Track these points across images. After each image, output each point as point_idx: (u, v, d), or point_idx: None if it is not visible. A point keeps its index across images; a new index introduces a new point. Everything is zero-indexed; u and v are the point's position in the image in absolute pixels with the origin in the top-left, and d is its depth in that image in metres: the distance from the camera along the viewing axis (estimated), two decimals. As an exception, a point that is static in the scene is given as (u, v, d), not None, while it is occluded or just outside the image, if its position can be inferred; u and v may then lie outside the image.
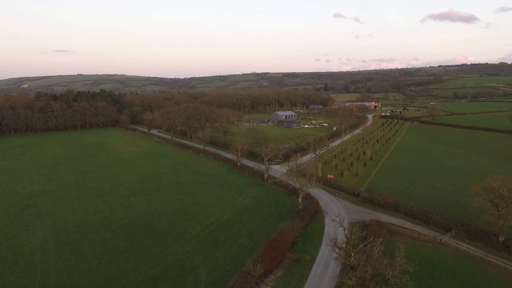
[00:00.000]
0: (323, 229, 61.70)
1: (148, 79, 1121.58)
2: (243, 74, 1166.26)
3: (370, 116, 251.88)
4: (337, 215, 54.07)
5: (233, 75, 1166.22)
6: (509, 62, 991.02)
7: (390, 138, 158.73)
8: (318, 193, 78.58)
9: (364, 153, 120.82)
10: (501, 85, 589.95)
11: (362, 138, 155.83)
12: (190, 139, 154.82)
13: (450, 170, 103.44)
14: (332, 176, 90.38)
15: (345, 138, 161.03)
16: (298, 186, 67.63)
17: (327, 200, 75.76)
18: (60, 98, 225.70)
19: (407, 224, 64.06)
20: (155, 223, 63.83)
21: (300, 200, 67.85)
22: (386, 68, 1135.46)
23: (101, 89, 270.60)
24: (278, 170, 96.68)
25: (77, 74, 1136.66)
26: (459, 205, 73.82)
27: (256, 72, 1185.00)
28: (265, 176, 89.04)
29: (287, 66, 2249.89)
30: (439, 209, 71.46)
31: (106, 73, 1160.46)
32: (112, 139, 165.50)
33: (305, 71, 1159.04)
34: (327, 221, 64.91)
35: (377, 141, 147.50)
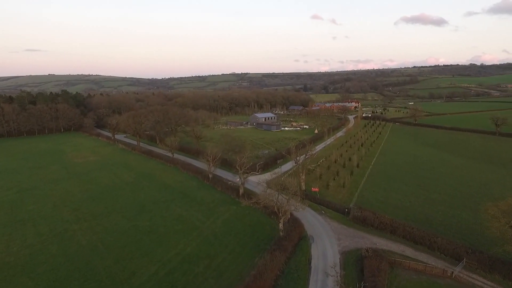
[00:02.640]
0: (310, 263, 49.86)
1: (124, 79, 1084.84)
2: (223, 74, 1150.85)
3: (351, 117, 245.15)
4: (332, 266, 42.35)
5: (213, 75, 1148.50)
6: (477, 64, 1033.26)
7: (374, 141, 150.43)
8: (302, 211, 66.76)
9: (350, 159, 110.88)
10: (473, 85, 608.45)
11: (346, 142, 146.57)
12: (160, 145, 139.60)
13: (441, 177, 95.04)
14: (317, 189, 79.13)
15: (328, 141, 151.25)
16: (279, 213, 55.29)
17: (312, 221, 64.16)
18: (14, 100, 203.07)
19: (409, 251, 53.44)
20: (97, 263, 49.63)
21: (281, 225, 55.73)
22: (363, 68, 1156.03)
23: (62, 90, 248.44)
24: (256, 182, 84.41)
25: (49, 74, 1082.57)
26: (462, 222, 64.36)
27: (236, 72, 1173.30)
28: (241, 191, 76.40)
29: (266, 66, 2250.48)
30: (441, 228, 61.75)
31: (79, 73, 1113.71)
32: (71, 146, 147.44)
33: (284, 72, 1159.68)
34: (314, 251, 53.22)
35: (361, 145, 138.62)
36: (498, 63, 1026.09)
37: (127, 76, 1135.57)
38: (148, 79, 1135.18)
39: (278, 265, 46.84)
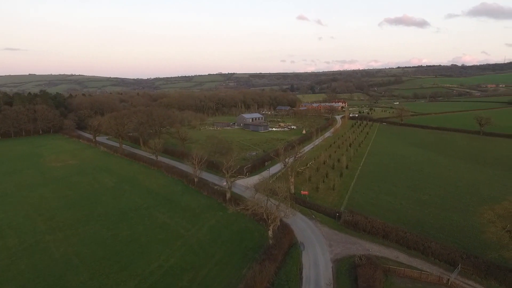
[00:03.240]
0: (301, 273, 47.23)
1: (108, 79, 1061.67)
2: (209, 74, 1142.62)
3: (338, 117, 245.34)
4: (328, 284, 39.81)
5: (199, 75, 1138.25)
6: (459, 64, 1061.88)
7: (362, 141, 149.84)
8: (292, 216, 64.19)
9: (339, 160, 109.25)
10: (455, 86, 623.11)
11: (334, 142, 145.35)
12: (143, 147, 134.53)
13: (430, 178, 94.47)
14: (306, 192, 76.75)
15: (316, 142, 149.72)
16: (268, 220, 52.39)
17: (302, 226, 61.64)
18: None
19: (402, 257, 51.56)
20: (70, 278, 45.52)
21: (270, 233, 52.89)
22: (349, 69, 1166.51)
23: (41, 90, 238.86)
24: (244, 186, 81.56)
25: (29, 74, 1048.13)
26: (454, 225, 63.23)
27: (223, 72, 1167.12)
28: (227, 196, 73.24)
29: (253, 66, 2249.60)
30: (433, 231, 60.40)
31: (62, 73, 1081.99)
32: (49, 149, 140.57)
33: (271, 72, 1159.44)
34: (305, 259, 50.63)
35: (349, 146, 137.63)
36: (478, 64, 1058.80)
37: (112, 76, 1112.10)
38: (133, 79, 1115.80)
39: (268, 277, 43.98)
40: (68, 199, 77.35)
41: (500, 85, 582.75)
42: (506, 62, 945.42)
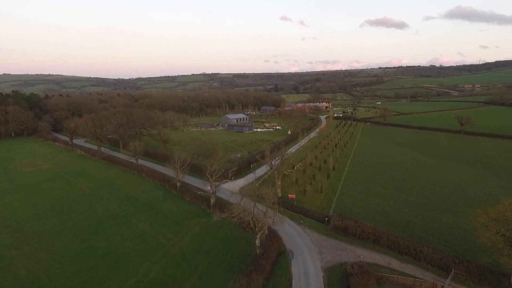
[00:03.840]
0: (291, 284, 44.52)
1: (88, 79, 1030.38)
2: (193, 74, 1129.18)
3: (323, 118, 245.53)
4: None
5: (182, 75, 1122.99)
6: (437, 65, 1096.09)
7: (347, 141, 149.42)
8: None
9: (325, 161, 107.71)
10: (434, 86, 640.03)
11: (320, 143, 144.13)
12: (123, 150, 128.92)
13: (416, 178, 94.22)
14: (294, 196, 74.35)
15: (302, 142, 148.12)
16: (255, 228, 49.38)
17: (291, 233, 59.04)
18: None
19: (395, 263, 49.78)
20: (37, 299, 41.09)
21: (258, 242, 49.94)
22: (332, 69, 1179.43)
23: (13, 91, 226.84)
24: (230, 190, 78.30)
25: (3, 73, 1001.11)
26: (443, 227, 62.33)
27: (206, 72, 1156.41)
28: (212, 201, 69.83)
29: (237, 66, 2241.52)
30: (423, 234, 59.18)
31: (39, 72, 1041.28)
32: (21, 153, 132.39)
33: (255, 72, 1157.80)
34: (295, 269, 48.01)
35: (335, 146, 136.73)
36: (454, 64, 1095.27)
37: (92, 76, 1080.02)
38: (115, 79, 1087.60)
39: (256, 290, 41.05)
40: (38, 208, 71.76)
41: (476, 86, 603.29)
42: (481, 63, 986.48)
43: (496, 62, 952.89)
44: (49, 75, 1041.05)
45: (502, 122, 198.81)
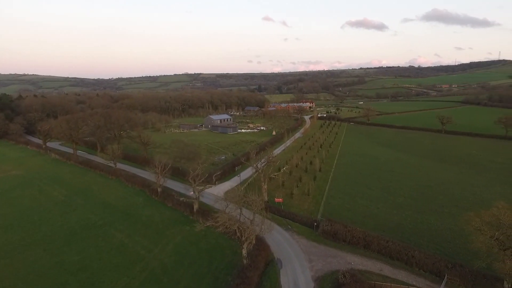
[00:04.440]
0: (280, 296, 41.86)
1: (66, 79, 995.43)
2: (175, 74, 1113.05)
3: (307, 118, 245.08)
4: None
5: (164, 75, 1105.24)
6: (415, 66, 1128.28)
7: (332, 142, 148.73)
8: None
9: (311, 162, 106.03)
10: (413, 86, 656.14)
11: (305, 143, 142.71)
12: (101, 153, 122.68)
13: (402, 179, 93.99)
14: (281, 200, 71.93)
15: (287, 143, 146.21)
16: (242, 237, 46.34)
17: (278, 239, 56.44)
18: None
19: (387, 270, 48.05)
20: (-4, 326, 36.57)
21: (244, 252, 46.95)
22: (314, 69, 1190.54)
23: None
24: (215, 195, 74.98)
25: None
26: (432, 229, 61.46)
27: (189, 72, 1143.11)
28: (195, 207, 66.30)
29: (220, 67, 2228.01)
30: (414, 237, 58.02)
31: (12, 72, 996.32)
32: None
33: (238, 72, 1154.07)
34: (284, 280, 45.38)
35: (320, 147, 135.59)
36: (432, 65, 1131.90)
37: (70, 76, 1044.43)
38: (94, 79, 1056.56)
39: (243, 306, 38.12)
40: (5, 218, 65.95)
41: (453, 86, 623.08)
42: (456, 64, 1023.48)
43: (470, 63, 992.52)
44: (24, 74, 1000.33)
45: (479, 121, 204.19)
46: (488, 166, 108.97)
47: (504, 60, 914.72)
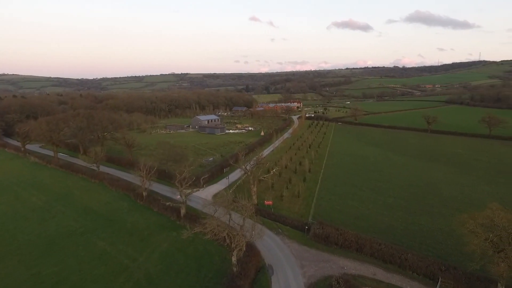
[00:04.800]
0: (273, 306, 40.09)
1: (48, 79, 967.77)
2: (161, 74, 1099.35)
3: (295, 118, 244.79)
4: None
5: (150, 75, 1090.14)
6: (400, 66, 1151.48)
7: (321, 142, 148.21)
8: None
9: (300, 163, 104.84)
10: (398, 86, 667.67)
11: (294, 144, 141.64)
12: (83, 156, 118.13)
13: (391, 179, 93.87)
14: (270, 202, 70.19)
15: (276, 143, 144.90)
16: (232, 244, 44.28)
17: (269, 244, 54.65)
18: None
19: (380, 274, 46.95)
20: None
21: (234, 259, 44.95)
22: (301, 70, 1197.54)
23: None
24: (202, 198, 72.73)
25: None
26: (424, 230, 60.93)
27: (175, 72, 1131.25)
28: (182, 211, 63.83)
29: (207, 67, 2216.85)
30: (405, 239, 57.28)
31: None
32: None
33: (225, 72, 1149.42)
34: (275, 286, 43.63)
35: (309, 147, 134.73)
36: (416, 66, 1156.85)
37: (52, 76, 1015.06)
38: (77, 79, 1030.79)
39: (234, 318, 36.13)
40: (-22, 227, 61.85)
41: (436, 86, 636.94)
42: (439, 64, 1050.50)
43: (452, 63, 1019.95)
44: (3, 74, 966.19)
45: (463, 120, 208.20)
46: (474, 165, 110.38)
47: (484, 61, 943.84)
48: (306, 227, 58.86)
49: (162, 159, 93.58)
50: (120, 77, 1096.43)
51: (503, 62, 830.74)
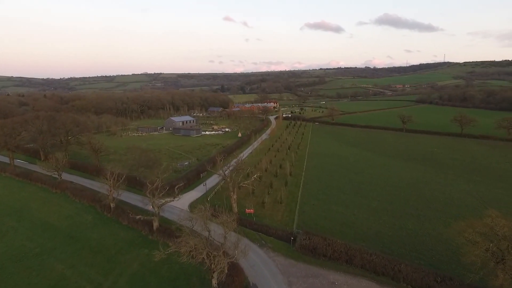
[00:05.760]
0: (260, 335, 35.35)
1: (10, 79, 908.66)
2: (133, 74, 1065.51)
3: (272, 118, 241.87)
4: None
5: (122, 75, 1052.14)
6: (371, 67, 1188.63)
7: (300, 143, 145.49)
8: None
9: (281, 166, 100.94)
10: (370, 86, 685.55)
11: (272, 145, 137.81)
12: (42, 163, 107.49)
13: (373, 180, 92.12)
14: (252, 211, 65.44)
15: (255, 145, 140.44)
16: (212, 265, 39.01)
17: (253, 259, 49.81)
18: None
19: (373, 287, 43.64)
20: None
21: (215, 283, 39.71)
22: (276, 70, 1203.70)
23: None
24: (178, 208, 66.71)
25: None
26: (412, 235, 58.66)
27: (148, 72, 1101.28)
28: (155, 224, 57.60)
29: (181, 66, 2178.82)
30: (395, 246, 54.65)
31: None
32: None
33: (200, 72, 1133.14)
34: (262, 310, 38.98)
35: (288, 148, 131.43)
36: (386, 66, 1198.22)
37: (14, 76, 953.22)
38: (43, 79, 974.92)
39: None
40: None
41: (406, 86, 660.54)
42: (408, 65, 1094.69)
43: (420, 64, 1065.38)
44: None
45: (435, 119, 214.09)
46: (450, 164, 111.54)
47: (448, 62, 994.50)
48: (292, 238, 54.63)
49: (133, 164, 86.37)
50: (89, 77, 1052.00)
51: (465, 64, 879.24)
